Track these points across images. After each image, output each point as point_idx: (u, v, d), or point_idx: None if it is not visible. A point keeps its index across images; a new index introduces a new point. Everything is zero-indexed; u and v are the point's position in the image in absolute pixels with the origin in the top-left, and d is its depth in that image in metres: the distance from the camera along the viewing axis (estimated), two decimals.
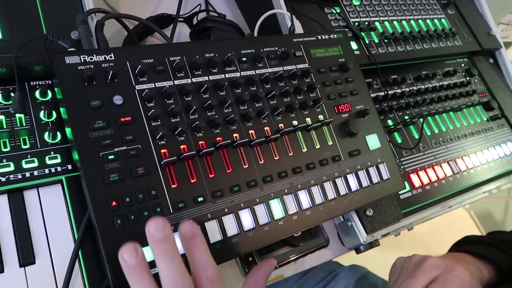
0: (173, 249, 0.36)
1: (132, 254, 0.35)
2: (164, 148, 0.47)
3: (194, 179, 0.48)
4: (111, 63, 0.48)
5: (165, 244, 0.36)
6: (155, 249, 0.36)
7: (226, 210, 0.49)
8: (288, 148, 0.56)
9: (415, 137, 0.77)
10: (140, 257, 0.35)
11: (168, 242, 0.36)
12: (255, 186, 0.52)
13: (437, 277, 0.53)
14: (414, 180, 0.72)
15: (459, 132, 0.83)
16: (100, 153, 0.44)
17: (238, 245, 0.48)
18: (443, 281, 0.53)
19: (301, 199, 0.54)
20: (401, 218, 0.67)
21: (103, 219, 0.42)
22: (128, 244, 0.35)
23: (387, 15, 0.85)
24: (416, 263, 0.57)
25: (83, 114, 0.45)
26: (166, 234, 0.36)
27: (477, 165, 0.80)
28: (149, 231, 0.36)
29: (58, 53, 0.46)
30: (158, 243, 0.36)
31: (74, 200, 0.48)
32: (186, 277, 0.36)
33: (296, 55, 0.61)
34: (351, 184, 0.59)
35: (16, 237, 0.45)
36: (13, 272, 0.43)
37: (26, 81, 0.51)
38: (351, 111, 0.63)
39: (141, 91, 0.48)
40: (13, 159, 0.47)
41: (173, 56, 0.52)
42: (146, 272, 0.36)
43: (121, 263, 0.35)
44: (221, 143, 0.50)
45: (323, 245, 0.66)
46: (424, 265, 0.55)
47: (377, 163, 0.62)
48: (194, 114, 0.51)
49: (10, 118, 0.49)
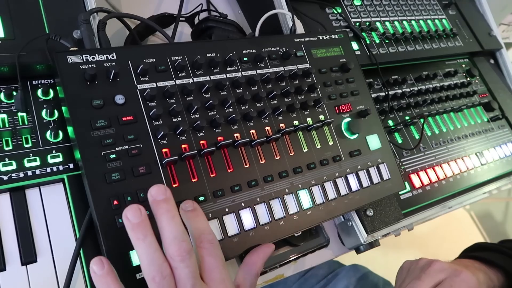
0: (174, 208, 0.39)
1: (136, 214, 0.38)
2: (165, 148, 0.48)
3: (195, 179, 0.48)
4: (113, 63, 0.48)
5: (166, 204, 0.39)
6: (157, 209, 0.39)
7: (227, 209, 0.49)
8: (289, 148, 0.56)
9: (415, 138, 0.77)
10: (143, 216, 0.38)
11: (169, 202, 0.39)
12: (256, 186, 0.52)
13: (442, 280, 0.53)
14: (415, 181, 0.72)
15: (460, 132, 0.83)
16: (101, 152, 0.44)
17: (239, 244, 0.48)
18: (448, 284, 0.52)
19: (302, 199, 0.54)
20: (402, 218, 0.67)
21: (104, 218, 0.42)
22: (132, 205, 0.38)
23: (388, 16, 0.85)
24: (422, 266, 0.57)
25: (85, 113, 0.45)
26: (167, 196, 0.40)
27: (477, 166, 0.81)
28: (151, 194, 0.40)
29: (61, 52, 0.46)
30: (160, 203, 0.39)
31: (75, 199, 0.48)
32: (185, 234, 0.39)
33: (297, 55, 0.61)
34: (352, 184, 0.59)
35: (18, 236, 0.45)
36: (15, 270, 0.43)
37: (28, 80, 0.51)
38: (351, 111, 0.63)
39: (142, 91, 0.48)
40: (15, 157, 0.47)
41: (175, 55, 0.52)
42: (149, 230, 0.38)
43: (125, 222, 0.38)
44: (222, 142, 0.50)
45: (323, 245, 0.66)
46: (430, 268, 0.55)
47: (378, 163, 0.62)
48: (195, 113, 0.51)
49: (12, 117, 0.49)
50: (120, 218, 0.43)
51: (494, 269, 0.62)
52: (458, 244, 0.76)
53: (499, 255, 0.63)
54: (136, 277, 0.42)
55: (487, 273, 0.61)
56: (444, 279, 0.53)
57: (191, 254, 0.38)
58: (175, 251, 0.38)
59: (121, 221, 0.43)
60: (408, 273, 0.57)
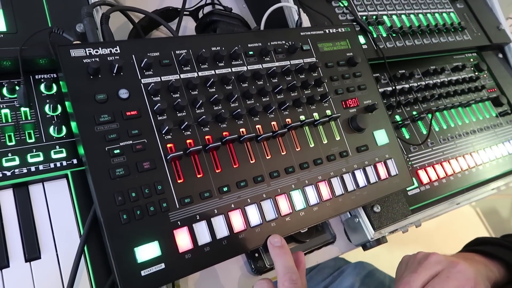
0: (288, 252, 0.48)
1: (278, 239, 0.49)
2: (170, 143, 0.47)
3: (200, 174, 0.48)
4: (117, 56, 0.47)
5: (281, 249, 0.48)
6: (275, 252, 0.48)
7: (233, 205, 0.48)
8: (295, 143, 0.55)
9: (423, 133, 0.76)
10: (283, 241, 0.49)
11: (284, 248, 0.48)
12: (262, 182, 0.51)
13: (439, 272, 0.53)
14: (422, 176, 0.71)
15: (468, 128, 0.82)
16: (105, 147, 0.44)
17: (245, 241, 0.48)
18: (445, 276, 0.52)
19: (308, 195, 0.53)
20: (409, 214, 0.66)
21: (109, 214, 0.42)
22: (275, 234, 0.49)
23: (395, 9, 0.84)
24: (420, 259, 0.56)
25: (89, 108, 0.44)
26: (282, 243, 0.49)
27: (485, 162, 0.79)
28: (270, 242, 0.49)
29: (63, 46, 0.45)
30: (277, 248, 0.48)
31: (79, 194, 0.47)
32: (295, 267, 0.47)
33: (304, 49, 0.60)
34: (359, 180, 0.58)
35: (22, 232, 0.44)
36: (19, 267, 0.43)
37: (31, 75, 0.51)
38: (359, 106, 0.62)
39: (147, 85, 0.48)
40: (18, 153, 0.46)
41: (179, 49, 0.51)
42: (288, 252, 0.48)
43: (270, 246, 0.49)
44: (227, 138, 0.49)
45: (329, 242, 0.65)
46: (427, 261, 0.55)
47: (385, 159, 0.61)
48: (200, 108, 0.50)
49: (15, 112, 0.48)
50: (125, 214, 0.42)
51: (494, 262, 0.61)
52: (464, 240, 0.75)
53: (500, 249, 0.63)
54: (141, 274, 0.41)
55: (487, 265, 0.60)
56: (441, 270, 0.53)
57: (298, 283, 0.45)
58: (287, 279, 0.45)
59: (125, 217, 0.42)
60: (406, 267, 0.57)
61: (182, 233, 0.45)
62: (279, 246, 0.48)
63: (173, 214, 0.45)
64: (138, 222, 0.43)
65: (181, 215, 0.45)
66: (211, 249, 0.46)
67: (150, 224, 0.43)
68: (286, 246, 0.49)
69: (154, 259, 0.42)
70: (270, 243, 0.49)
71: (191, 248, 0.44)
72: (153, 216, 0.44)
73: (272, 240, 0.49)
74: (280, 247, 0.48)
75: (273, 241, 0.49)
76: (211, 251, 0.45)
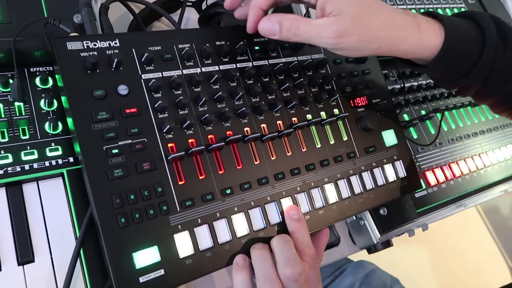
0: (306, 226, 0.47)
1: (296, 212, 0.48)
2: (171, 142, 0.45)
3: (202, 176, 0.45)
4: (116, 50, 0.45)
5: (299, 222, 0.47)
6: (293, 226, 0.47)
7: (236, 208, 0.46)
8: (301, 144, 0.53)
9: (431, 133, 0.74)
10: (301, 214, 0.48)
11: (301, 221, 0.47)
12: (267, 184, 0.49)
13: None
14: (430, 178, 0.69)
15: (477, 128, 0.80)
16: (103, 146, 0.41)
17: (248, 246, 0.46)
18: None
19: (314, 197, 0.51)
20: (416, 217, 0.64)
21: (106, 218, 0.40)
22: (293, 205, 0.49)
23: (405, 3, 0.81)
24: None
25: (86, 104, 0.42)
26: (300, 216, 0.47)
27: (494, 163, 0.77)
28: (288, 214, 0.47)
29: (60, 38, 0.43)
30: (295, 222, 0.47)
31: (75, 194, 0.45)
32: (297, 257, 0.44)
33: (311, 44, 0.58)
34: (366, 183, 0.56)
35: (14, 234, 0.42)
36: (11, 270, 0.41)
37: (25, 67, 0.48)
38: (367, 104, 0.60)
39: (147, 81, 0.45)
40: (12, 150, 0.44)
41: (182, 43, 0.49)
42: None
43: (287, 219, 0.48)
44: (231, 137, 0.47)
45: (333, 244, 0.64)
46: None
47: (393, 160, 0.59)
48: (203, 106, 0.48)
49: (9, 107, 0.46)
50: (123, 217, 0.40)
51: None
52: (464, 238, 0.73)
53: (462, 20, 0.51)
54: (140, 281, 0.40)
55: None
56: None
57: (302, 276, 0.42)
58: (290, 273, 0.42)
59: (123, 221, 0.40)
60: None
61: (183, 237, 0.43)
62: (297, 219, 0.47)
63: (174, 217, 0.43)
64: (137, 226, 0.41)
65: (182, 219, 0.43)
66: (212, 254, 0.44)
67: (149, 228, 0.41)
68: (303, 219, 0.48)
69: (153, 265, 0.40)
70: (288, 215, 0.47)
71: (192, 253, 0.42)
72: (152, 220, 0.42)
73: (290, 212, 0.47)
74: (298, 220, 0.47)
75: (291, 213, 0.47)
76: (213, 256, 0.44)
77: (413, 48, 0.48)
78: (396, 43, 0.47)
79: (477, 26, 0.50)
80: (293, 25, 0.46)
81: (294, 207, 0.48)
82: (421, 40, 0.48)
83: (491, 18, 0.51)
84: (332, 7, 0.45)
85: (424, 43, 0.48)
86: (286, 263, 0.43)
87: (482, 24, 0.50)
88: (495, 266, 2.04)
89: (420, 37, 0.48)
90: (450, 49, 0.48)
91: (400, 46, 0.47)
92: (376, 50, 0.47)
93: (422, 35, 0.48)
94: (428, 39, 0.48)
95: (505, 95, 0.52)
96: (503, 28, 0.50)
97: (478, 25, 0.50)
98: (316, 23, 0.46)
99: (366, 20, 0.45)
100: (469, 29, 0.50)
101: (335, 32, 0.45)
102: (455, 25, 0.49)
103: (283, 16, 0.47)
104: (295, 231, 0.47)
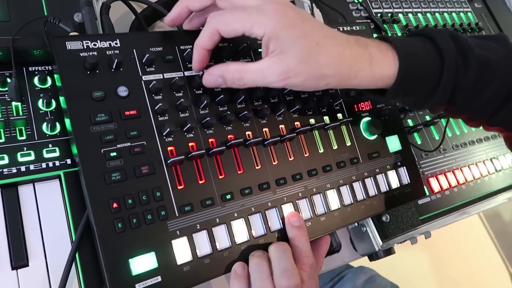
0: (306, 234, 0.47)
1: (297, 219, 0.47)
2: (171, 146, 0.44)
3: (202, 180, 0.44)
4: (117, 51, 0.44)
5: (300, 230, 0.47)
6: (293, 233, 0.46)
7: (236, 214, 0.45)
8: (303, 149, 0.52)
9: (435, 139, 0.73)
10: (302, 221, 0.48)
11: (302, 229, 0.47)
12: (268, 189, 0.48)
13: None
14: (434, 185, 0.68)
15: (482, 134, 0.78)
16: (101, 149, 0.40)
17: (247, 252, 0.45)
18: None
19: (316, 204, 0.50)
20: (419, 224, 0.63)
21: (102, 222, 0.39)
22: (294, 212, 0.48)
23: (411, 7, 0.80)
24: None
25: (84, 105, 0.41)
26: (301, 223, 0.47)
27: (498, 170, 0.76)
28: (289, 220, 0.47)
29: (59, 38, 0.42)
30: (295, 229, 0.46)
31: (72, 197, 0.44)
32: (295, 268, 0.43)
33: None
34: (369, 189, 0.55)
35: (9, 237, 0.41)
36: (4, 274, 0.40)
37: (24, 66, 0.47)
38: (371, 109, 0.59)
39: (148, 83, 0.44)
40: (8, 151, 0.43)
41: (184, 44, 0.48)
42: None
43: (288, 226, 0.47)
44: (232, 141, 0.46)
45: (334, 250, 0.62)
46: None
47: (397, 166, 0.58)
48: (204, 109, 0.47)
49: (6, 107, 0.45)
50: (120, 222, 0.39)
51: None
52: (466, 244, 0.72)
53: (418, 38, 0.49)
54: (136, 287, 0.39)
55: None
56: None
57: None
58: (286, 284, 0.41)
59: (120, 226, 0.39)
60: None
61: (181, 243, 0.42)
62: (297, 226, 0.46)
63: (172, 223, 0.42)
64: (134, 231, 0.40)
65: (181, 224, 0.42)
66: (211, 261, 0.43)
67: (147, 234, 0.40)
68: (304, 227, 0.47)
69: (150, 272, 0.39)
70: (289, 221, 0.47)
71: (190, 260, 0.41)
72: (150, 225, 0.41)
73: (291, 219, 0.47)
74: (299, 228, 0.46)
75: (292, 220, 0.47)
76: (211, 263, 0.43)
77: (364, 81, 0.45)
78: (347, 78, 0.44)
79: (435, 47, 0.47)
80: (236, 77, 0.44)
81: (295, 213, 0.48)
82: (373, 73, 0.45)
83: (449, 35, 0.48)
84: (276, 45, 0.41)
85: (376, 75, 0.45)
86: (282, 274, 0.42)
87: (440, 46, 0.47)
88: (496, 272, 2.03)
89: (372, 70, 0.45)
90: (406, 77, 0.46)
91: (350, 81, 0.45)
92: (325, 86, 0.44)
93: (374, 68, 0.45)
94: (380, 71, 0.45)
95: (475, 111, 0.50)
96: (463, 44, 0.47)
97: (436, 46, 0.47)
98: (260, 68, 0.43)
99: (312, 59, 0.42)
100: (425, 53, 0.47)
101: (279, 75, 0.42)
102: (410, 51, 0.46)
103: (225, 68, 0.44)
104: (295, 238, 0.46)
